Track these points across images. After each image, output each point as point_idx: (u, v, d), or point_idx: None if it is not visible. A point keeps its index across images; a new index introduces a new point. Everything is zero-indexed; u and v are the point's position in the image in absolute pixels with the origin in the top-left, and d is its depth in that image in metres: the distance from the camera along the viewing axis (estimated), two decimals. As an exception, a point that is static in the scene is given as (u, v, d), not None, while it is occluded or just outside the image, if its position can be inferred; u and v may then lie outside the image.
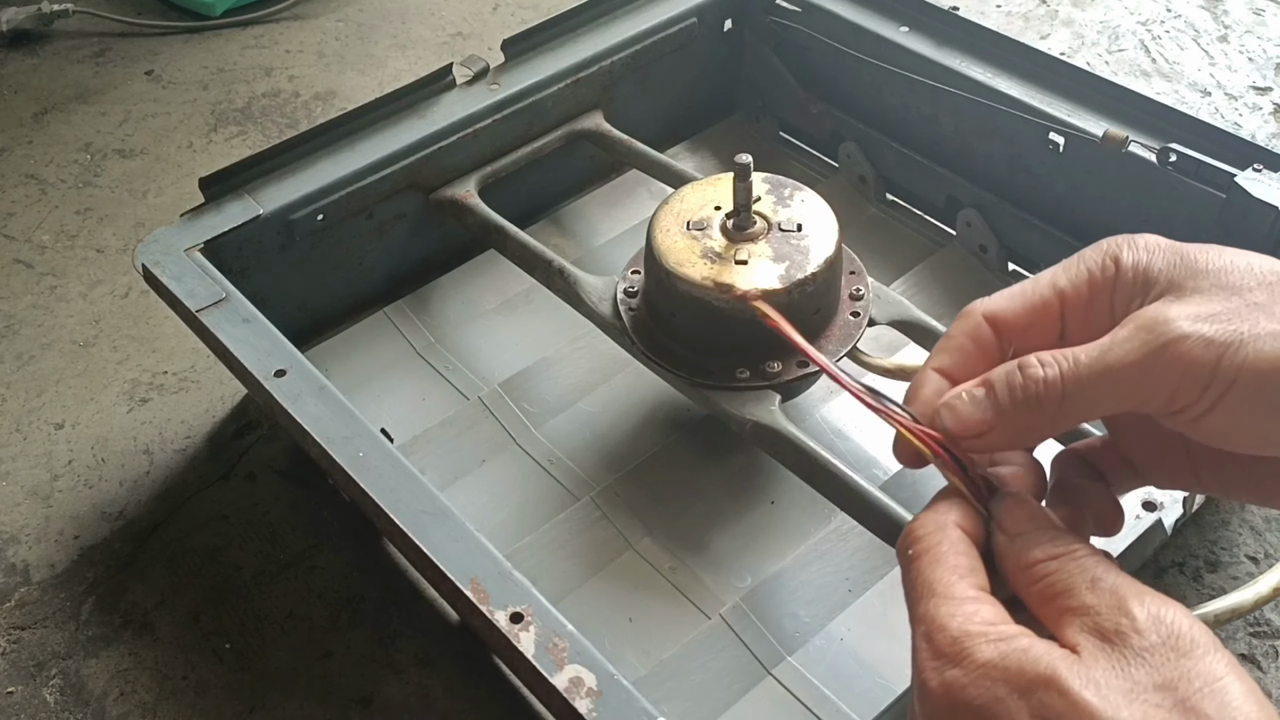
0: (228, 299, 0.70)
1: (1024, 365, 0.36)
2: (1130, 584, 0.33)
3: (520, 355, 0.82)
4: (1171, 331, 0.34)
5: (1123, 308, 0.37)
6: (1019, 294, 0.39)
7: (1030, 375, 0.36)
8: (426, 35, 1.24)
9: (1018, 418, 0.36)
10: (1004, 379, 0.36)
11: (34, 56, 1.22)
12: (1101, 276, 0.37)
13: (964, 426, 0.37)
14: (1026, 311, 0.38)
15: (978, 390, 0.37)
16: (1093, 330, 0.37)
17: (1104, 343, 0.35)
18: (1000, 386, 0.36)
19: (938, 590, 0.35)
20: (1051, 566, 0.34)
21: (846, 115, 0.93)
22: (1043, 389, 0.35)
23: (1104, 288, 0.37)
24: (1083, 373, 0.35)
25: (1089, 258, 0.38)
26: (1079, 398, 0.35)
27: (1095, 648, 0.32)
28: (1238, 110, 1.09)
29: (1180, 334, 0.34)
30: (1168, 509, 0.58)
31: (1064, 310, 0.38)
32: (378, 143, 0.81)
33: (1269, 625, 0.69)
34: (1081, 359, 0.35)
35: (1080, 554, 0.35)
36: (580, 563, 0.70)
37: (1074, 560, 0.34)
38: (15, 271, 0.96)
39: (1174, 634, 0.31)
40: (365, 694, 0.67)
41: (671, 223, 0.69)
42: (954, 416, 0.37)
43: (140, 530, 0.76)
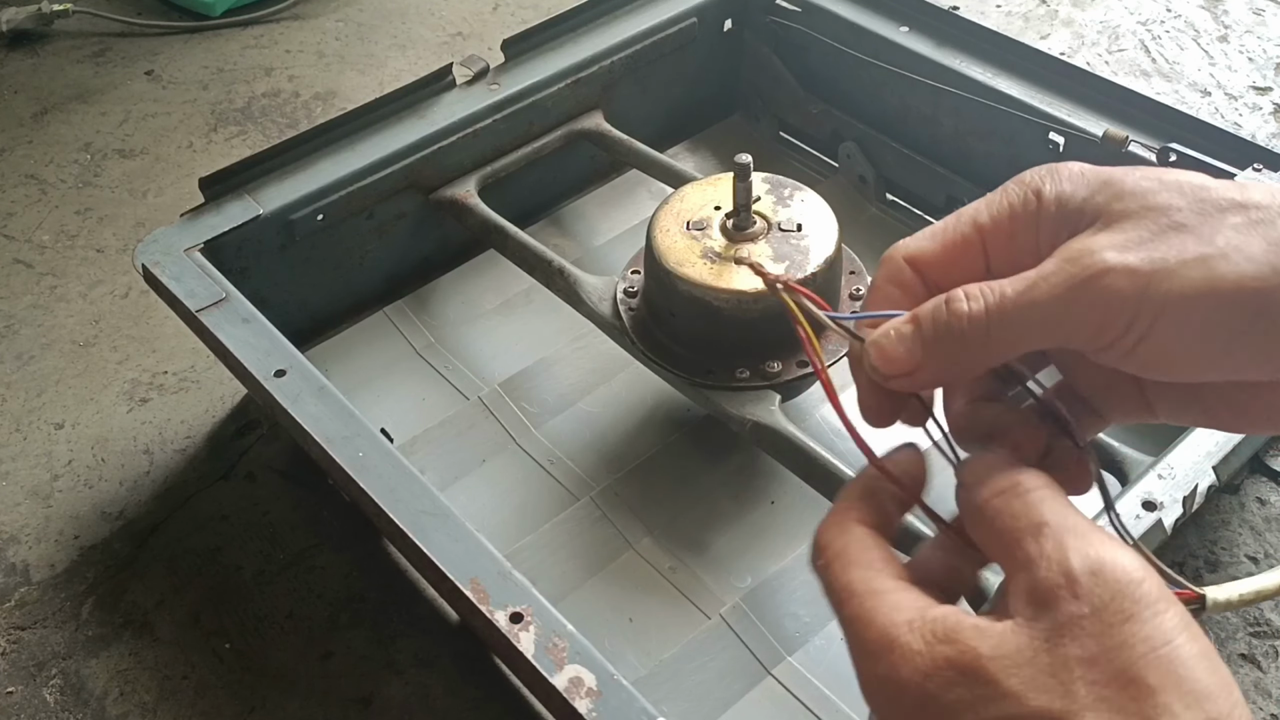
0: (228, 299, 0.70)
1: (950, 299, 0.35)
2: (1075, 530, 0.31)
3: (520, 355, 0.82)
4: (1096, 264, 0.33)
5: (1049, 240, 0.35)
6: (939, 232, 0.37)
7: (955, 309, 0.35)
8: (426, 35, 1.24)
9: (944, 352, 0.35)
10: (929, 314, 0.35)
11: (34, 56, 1.22)
12: (1023, 209, 0.36)
13: (891, 364, 0.36)
14: (947, 249, 0.37)
15: (905, 326, 0.36)
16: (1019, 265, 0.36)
17: (1030, 276, 0.34)
18: (926, 322, 0.35)
19: (856, 590, 0.33)
20: (997, 504, 0.33)
21: (846, 115, 0.93)
22: (967, 324, 0.34)
23: (1026, 221, 0.36)
24: (1008, 306, 0.34)
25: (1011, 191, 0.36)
26: (1004, 331, 0.34)
27: (1029, 617, 0.30)
28: (1238, 110, 1.09)
29: (1104, 265, 0.32)
30: (1167, 509, 0.58)
31: (986, 246, 0.37)
32: (378, 143, 0.81)
33: (1269, 625, 0.69)
34: (1008, 292, 0.34)
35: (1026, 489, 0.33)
36: (580, 563, 0.70)
37: (1019, 498, 0.33)
38: (15, 271, 0.96)
39: (1116, 594, 0.29)
40: (365, 694, 0.67)
41: (671, 223, 0.69)
42: (881, 354, 0.36)
43: (140, 530, 0.76)
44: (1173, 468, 0.60)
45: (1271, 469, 0.76)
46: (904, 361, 0.35)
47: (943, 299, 0.35)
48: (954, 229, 0.37)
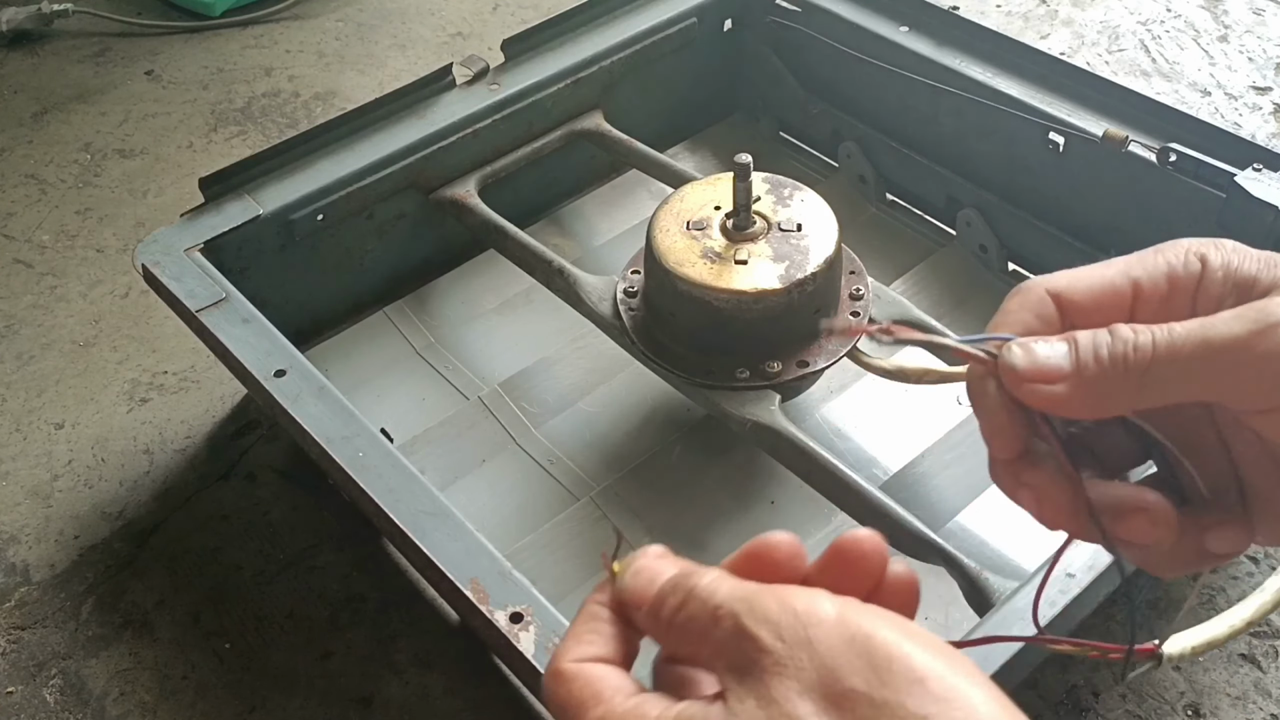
0: (228, 299, 0.70)
1: (1114, 329, 0.33)
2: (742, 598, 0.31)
3: (520, 355, 0.82)
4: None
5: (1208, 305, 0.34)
6: (1086, 275, 0.35)
7: (1120, 336, 0.32)
8: (426, 35, 1.24)
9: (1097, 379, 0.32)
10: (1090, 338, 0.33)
11: (34, 56, 1.22)
12: (1185, 273, 0.34)
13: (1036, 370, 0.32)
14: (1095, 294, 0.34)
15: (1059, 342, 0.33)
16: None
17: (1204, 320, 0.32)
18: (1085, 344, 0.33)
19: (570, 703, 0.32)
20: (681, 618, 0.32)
21: (846, 115, 0.93)
22: (1132, 352, 0.32)
23: (1186, 285, 0.34)
24: (1178, 343, 0.32)
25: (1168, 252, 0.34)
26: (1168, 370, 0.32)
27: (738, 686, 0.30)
28: (1238, 110, 1.09)
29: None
30: (1168, 509, 0.58)
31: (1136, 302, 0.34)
32: (378, 143, 0.81)
33: (1269, 625, 0.69)
34: (1178, 330, 0.32)
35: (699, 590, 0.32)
36: (580, 563, 0.70)
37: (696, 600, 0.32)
38: (15, 271, 0.96)
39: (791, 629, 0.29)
40: (365, 694, 0.67)
41: (671, 223, 0.69)
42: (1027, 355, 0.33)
43: (140, 530, 0.76)
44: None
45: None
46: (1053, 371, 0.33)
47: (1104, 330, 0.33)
48: (1103, 277, 0.35)
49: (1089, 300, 0.34)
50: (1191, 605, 0.68)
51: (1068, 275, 0.35)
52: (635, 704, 0.32)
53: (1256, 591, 0.49)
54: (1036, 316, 0.35)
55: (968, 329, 0.80)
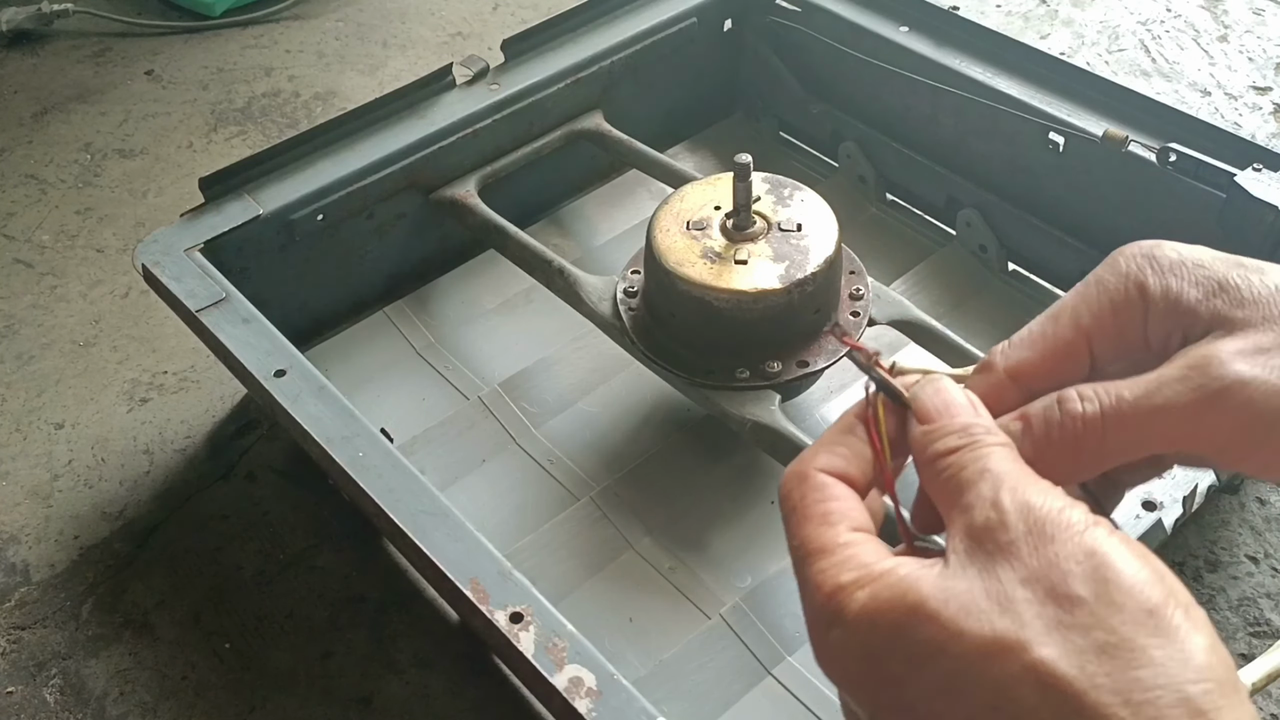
0: (228, 299, 0.70)
1: (1063, 400, 0.34)
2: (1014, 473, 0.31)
3: (520, 355, 0.82)
4: (1228, 375, 0.32)
5: (1159, 337, 0.35)
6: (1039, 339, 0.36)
7: (1069, 411, 0.34)
8: (426, 35, 1.24)
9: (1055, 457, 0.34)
10: (1041, 415, 0.34)
11: (34, 56, 1.22)
12: (1126, 308, 0.35)
13: None
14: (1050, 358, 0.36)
15: (1014, 425, 0.34)
16: (1127, 356, 0.35)
17: (1150, 380, 0.33)
18: (1038, 423, 0.34)
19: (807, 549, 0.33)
20: (948, 461, 0.32)
21: (846, 115, 0.93)
22: (1082, 427, 0.33)
23: (1132, 319, 0.35)
24: (1126, 410, 0.33)
25: (1109, 286, 0.35)
26: (1121, 437, 0.33)
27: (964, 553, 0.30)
28: (1238, 110, 1.09)
29: (1237, 378, 0.32)
30: (1167, 509, 0.58)
31: (1092, 347, 0.36)
32: (378, 143, 0.81)
33: (1269, 625, 0.69)
34: (1126, 395, 0.33)
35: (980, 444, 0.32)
36: (580, 563, 0.70)
37: (970, 451, 0.32)
38: (15, 271, 0.96)
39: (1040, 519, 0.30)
40: (365, 694, 0.67)
41: (671, 223, 0.69)
42: None
43: (140, 530, 0.76)
44: (1173, 468, 0.60)
45: (1271, 469, 0.76)
46: None
47: (1054, 399, 0.34)
48: (1054, 335, 0.36)
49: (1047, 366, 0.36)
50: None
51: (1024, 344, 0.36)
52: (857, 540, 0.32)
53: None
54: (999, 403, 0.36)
55: (968, 328, 0.80)
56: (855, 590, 0.31)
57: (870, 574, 0.31)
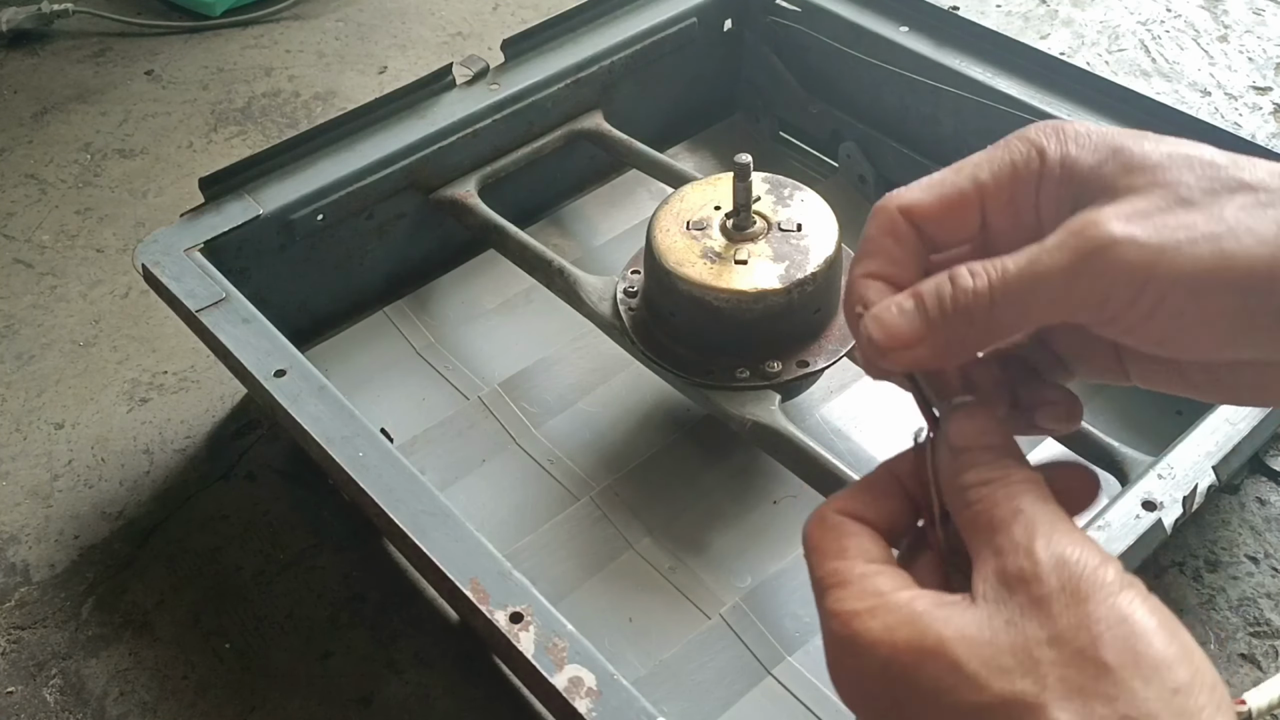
0: (228, 299, 0.70)
1: (954, 275, 0.34)
2: (1048, 519, 0.31)
3: (520, 355, 0.82)
4: (1102, 236, 0.32)
5: (1049, 204, 0.35)
6: (936, 185, 0.36)
7: (960, 286, 0.34)
8: (426, 35, 1.24)
9: (948, 329, 0.34)
10: (934, 290, 0.34)
11: (34, 56, 1.22)
12: (1025, 169, 0.35)
13: (892, 339, 0.35)
14: (943, 204, 0.36)
15: (907, 301, 0.35)
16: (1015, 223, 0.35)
17: (1033, 250, 0.33)
18: (930, 298, 0.34)
19: (828, 581, 0.33)
20: (981, 493, 0.33)
21: (846, 115, 0.93)
22: (972, 299, 0.34)
23: (1027, 181, 0.35)
24: (1011, 282, 0.33)
25: (1014, 147, 0.36)
26: (1009, 308, 0.33)
27: (994, 598, 0.30)
28: (1238, 110, 1.09)
29: (1110, 238, 0.32)
30: (1167, 509, 0.58)
31: (984, 203, 0.36)
32: (378, 143, 0.81)
33: (1269, 625, 0.69)
34: (1010, 268, 0.33)
35: (1013, 480, 0.32)
36: (580, 563, 0.70)
37: (1004, 487, 0.32)
38: (15, 271, 0.96)
39: (1075, 576, 0.29)
40: (365, 694, 0.67)
41: (671, 223, 0.69)
42: (881, 328, 0.35)
43: (140, 530, 0.76)
44: (1173, 468, 0.60)
45: (1271, 469, 0.76)
46: (907, 336, 0.35)
47: (945, 275, 0.35)
48: (952, 184, 0.36)
49: (939, 211, 0.36)
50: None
51: (920, 186, 0.37)
52: (873, 571, 0.33)
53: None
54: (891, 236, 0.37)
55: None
56: (869, 618, 0.31)
57: (884, 602, 0.31)
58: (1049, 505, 0.32)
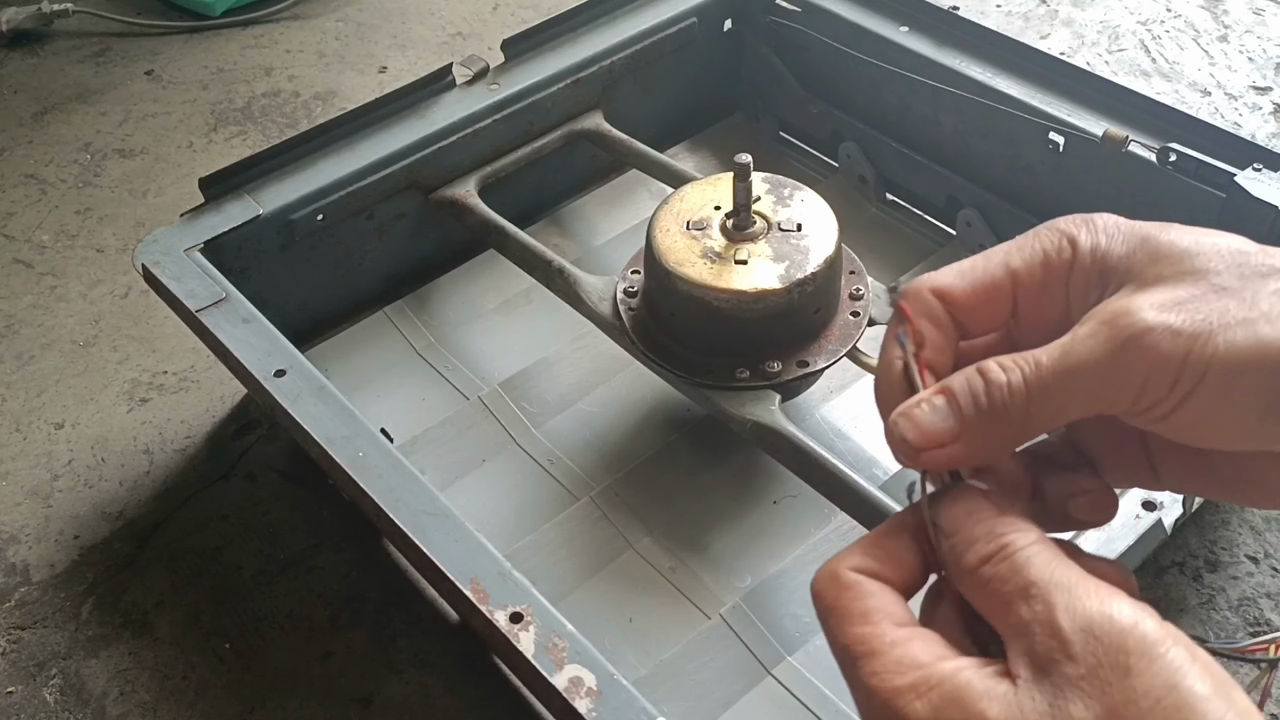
0: (228, 299, 0.70)
1: (984, 370, 0.33)
2: (1063, 584, 0.30)
3: (520, 355, 0.82)
4: (1136, 324, 0.32)
5: (1079, 296, 0.35)
6: (969, 271, 0.36)
7: (993, 380, 0.33)
8: (426, 35, 1.24)
9: (982, 427, 0.33)
10: (965, 385, 0.34)
11: (34, 56, 1.22)
12: (1057, 259, 0.35)
13: (925, 438, 0.34)
14: (976, 290, 0.36)
15: (937, 399, 0.34)
16: (1046, 314, 0.35)
17: (1065, 341, 0.33)
18: (962, 393, 0.34)
19: (857, 651, 0.32)
20: (987, 573, 0.31)
21: (846, 115, 0.93)
22: (1007, 395, 0.33)
23: (1059, 271, 0.35)
24: (1045, 376, 0.33)
25: (1044, 237, 0.36)
26: (1044, 402, 0.33)
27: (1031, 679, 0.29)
28: (1238, 110, 1.09)
29: (1145, 326, 0.31)
30: (1168, 509, 0.58)
31: (1016, 291, 0.36)
32: (378, 143, 0.81)
33: (1269, 625, 0.69)
34: (1043, 361, 0.33)
35: (1012, 550, 0.31)
36: (580, 563, 0.70)
37: (1006, 562, 0.31)
38: (15, 271, 0.96)
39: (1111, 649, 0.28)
40: (365, 694, 0.67)
41: (671, 223, 0.69)
42: (914, 427, 0.34)
43: (140, 530, 0.76)
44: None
45: (1271, 469, 0.76)
46: (941, 435, 0.34)
47: (975, 370, 0.34)
48: (984, 270, 0.36)
49: (971, 298, 0.36)
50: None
51: (953, 272, 0.36)
52: (904, 638, 0.31)
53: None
54: (929, 321, 0.36)
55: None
56: (913, 697, 0.30)
57: (928, 679, 0.30)
58: (1058, 565, 0.31)
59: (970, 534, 0.32)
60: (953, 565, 0.33)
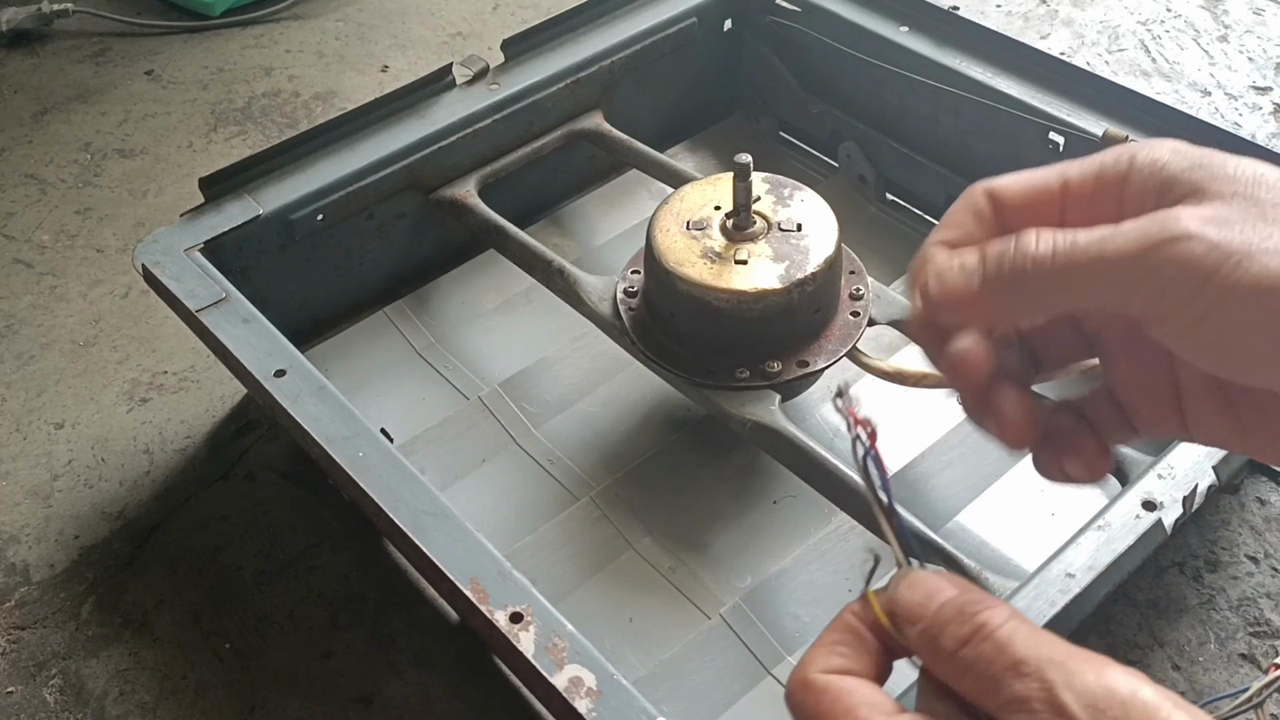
0: (228, 299, 0.70)
1: (1019, 236, 0.34)
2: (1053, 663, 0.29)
3: (520, 355, 0.82)
4: (1175, 229, 0.32)
5: (1134, 204, 0.35)
6: (1025, 176, 0.37)
7: (1022, 247, 0.34)
8: (426, 35, 1.24)
9: (1002, 290, 0.34)
10: (996, 249, 0.34)
11: (34, 56, 1.22)
12: (1113, 171, 0.35)
13: (946, 294, 0.35)
14: (1027, 192, 0.36)
15: (971, 258, 0.35)
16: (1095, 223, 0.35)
17: (1106, 229, 0.33)
18: (991, 256, 0.34)
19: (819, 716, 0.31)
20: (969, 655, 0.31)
21: (846, 115, 0.93)
22: (1031, 264, 0.33)
23: (1114, 181, 0.35)
24: (1077, 254, 0.33)
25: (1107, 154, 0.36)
26: (1068, 279, 0.33)
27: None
28: (1238, 110, 1.09)
29: (1183, 232, 0.31)
30: (1167, 509, 0.58)
31: (1065, 199, 0.36)
32: (378, 143, 0.81)
33: (1269, 625, 0.69)
34: (1079, 240, 0.33)
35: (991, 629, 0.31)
36: (580, 563, 0.70)
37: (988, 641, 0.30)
38: (15, 271, 0.96)
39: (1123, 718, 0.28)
40: (365, 694, 0.67)
41: (671, 223, 0.69)
42: (939, 284, 0.35)
43: (140, 530, 0.76)
44: (1173, 468, 0.60)
45: (1272, 469, 0.76)
46: (960, 292, 0.35)
47: (1012, 237, 0.34)
48: (1040, 177, 0.37)
49: (1021, 199, 0.37)
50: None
51: (1010, 176, 0.37)
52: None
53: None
54: (971, 214, 0.37)
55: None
56: None
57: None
58: (1042, 640, 0.30)
59: (939, 617, 0.32)
60: (927, 652, 0.32)
